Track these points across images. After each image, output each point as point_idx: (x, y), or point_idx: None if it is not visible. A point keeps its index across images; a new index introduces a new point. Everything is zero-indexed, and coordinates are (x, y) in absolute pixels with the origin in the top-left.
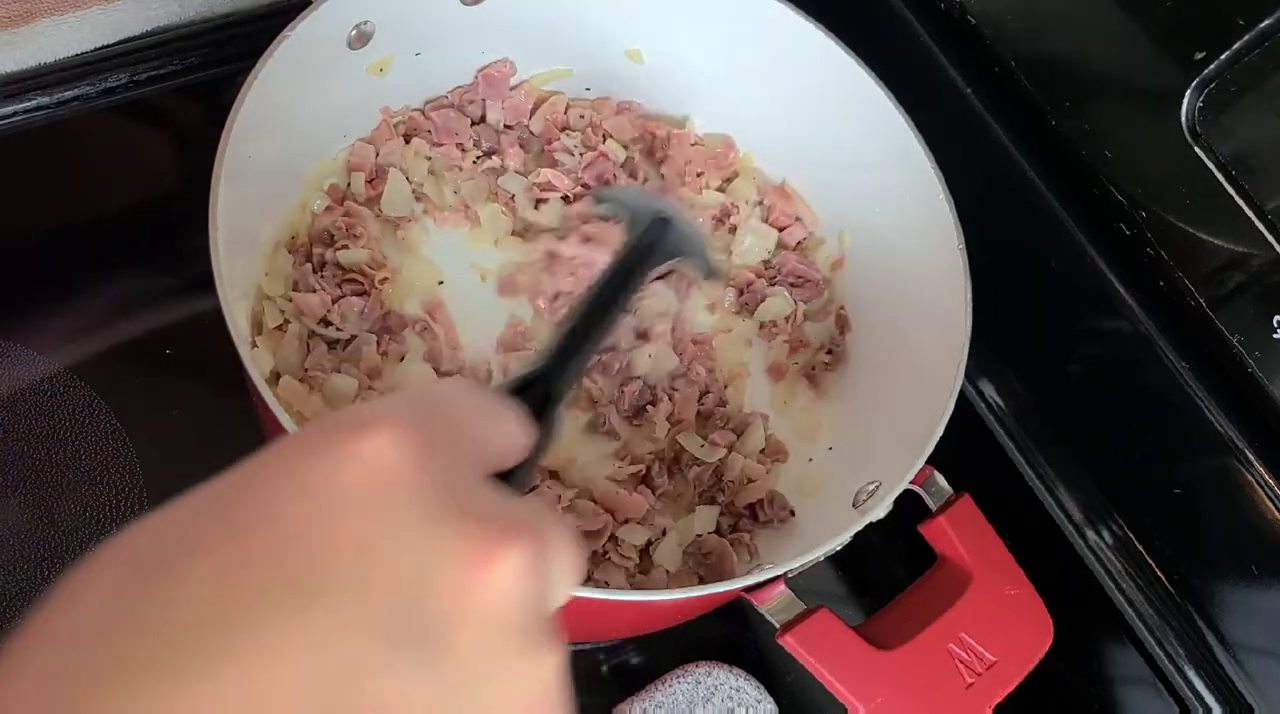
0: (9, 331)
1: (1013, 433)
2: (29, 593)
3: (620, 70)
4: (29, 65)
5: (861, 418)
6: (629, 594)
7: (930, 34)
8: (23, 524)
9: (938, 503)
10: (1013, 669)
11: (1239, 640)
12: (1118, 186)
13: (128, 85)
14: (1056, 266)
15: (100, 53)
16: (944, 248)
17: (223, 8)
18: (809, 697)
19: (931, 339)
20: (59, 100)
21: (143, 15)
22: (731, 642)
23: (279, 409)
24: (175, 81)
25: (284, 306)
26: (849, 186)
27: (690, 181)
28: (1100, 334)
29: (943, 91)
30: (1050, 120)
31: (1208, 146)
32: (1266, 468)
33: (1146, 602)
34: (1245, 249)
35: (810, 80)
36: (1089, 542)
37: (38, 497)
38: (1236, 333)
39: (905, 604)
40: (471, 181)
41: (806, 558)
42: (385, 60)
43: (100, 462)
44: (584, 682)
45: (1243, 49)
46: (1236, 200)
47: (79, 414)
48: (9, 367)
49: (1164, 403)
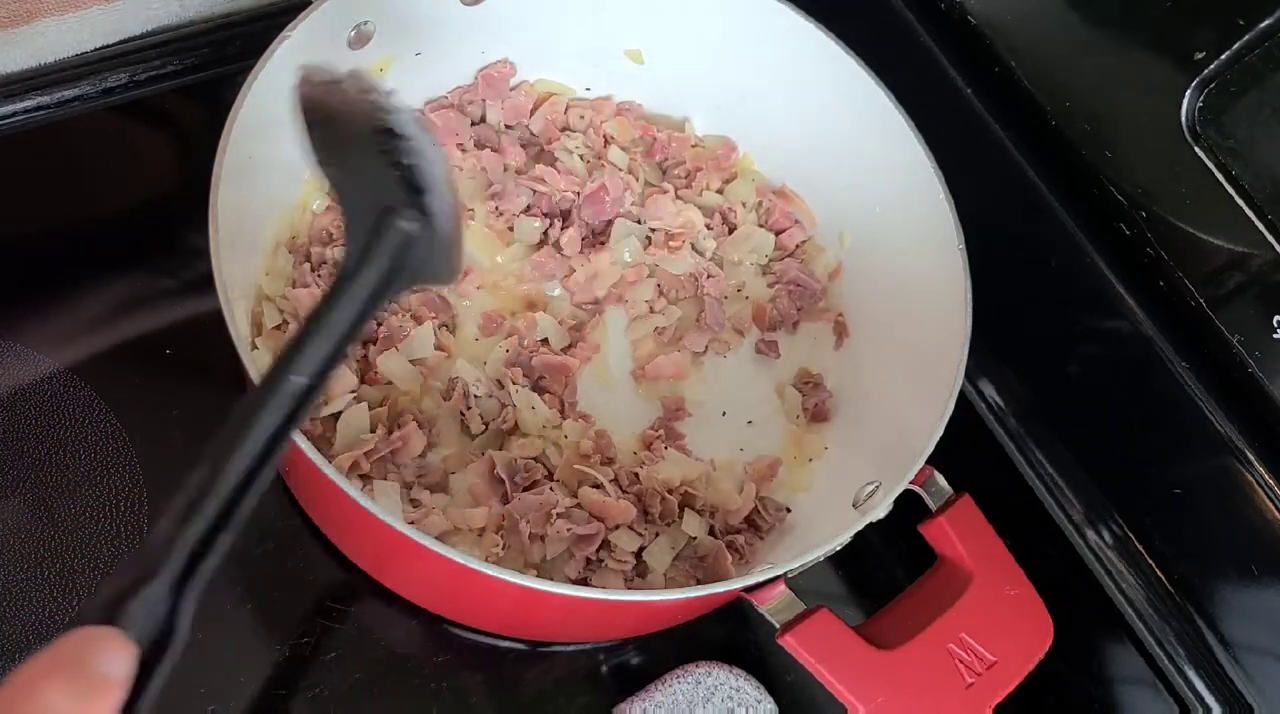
0: (9, 331)
1: (1013, 433)
2: (29, 593)
3: (620, 70)
4: (29, 65)
5: (862, 418)
6: (629, 594)
7: (930, 34)
8: (23, 524)
9: (938, 503)
10: (1013, 669)
11: (1239, 640)
12: (1118, 186)
13: (128, 85)
14: (1056, 266)
15: (100, 53)
16: (944, 248)
17: (223, 8)
18: (809, 697)
19: (931, 339)
20: (59, 100)
21: (143, 15)
22: (731, 642)
23: None
24: (175, 81)
25: (283, 306)
26: (849, 187)
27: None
28: (1100, 334)
29: (943, 91)
30: (1050, 120)
31: (1208, 146)
32: (1266, 468)
33: (1146, 602)
34: (1245, 249)
35: (810, 81)
36: (1089, 542)
37: (38, 497)
38: (1236, 333)
39: (905, 604)
40: (471, 181)
41: (806, 558)
42: (385, 60)
43: (100, 462)
44: (584, 682)
45: (1243, 49)
46: (1236, 200)
47: (79, 414)
48: (9, 366)
49: (1164, 403)
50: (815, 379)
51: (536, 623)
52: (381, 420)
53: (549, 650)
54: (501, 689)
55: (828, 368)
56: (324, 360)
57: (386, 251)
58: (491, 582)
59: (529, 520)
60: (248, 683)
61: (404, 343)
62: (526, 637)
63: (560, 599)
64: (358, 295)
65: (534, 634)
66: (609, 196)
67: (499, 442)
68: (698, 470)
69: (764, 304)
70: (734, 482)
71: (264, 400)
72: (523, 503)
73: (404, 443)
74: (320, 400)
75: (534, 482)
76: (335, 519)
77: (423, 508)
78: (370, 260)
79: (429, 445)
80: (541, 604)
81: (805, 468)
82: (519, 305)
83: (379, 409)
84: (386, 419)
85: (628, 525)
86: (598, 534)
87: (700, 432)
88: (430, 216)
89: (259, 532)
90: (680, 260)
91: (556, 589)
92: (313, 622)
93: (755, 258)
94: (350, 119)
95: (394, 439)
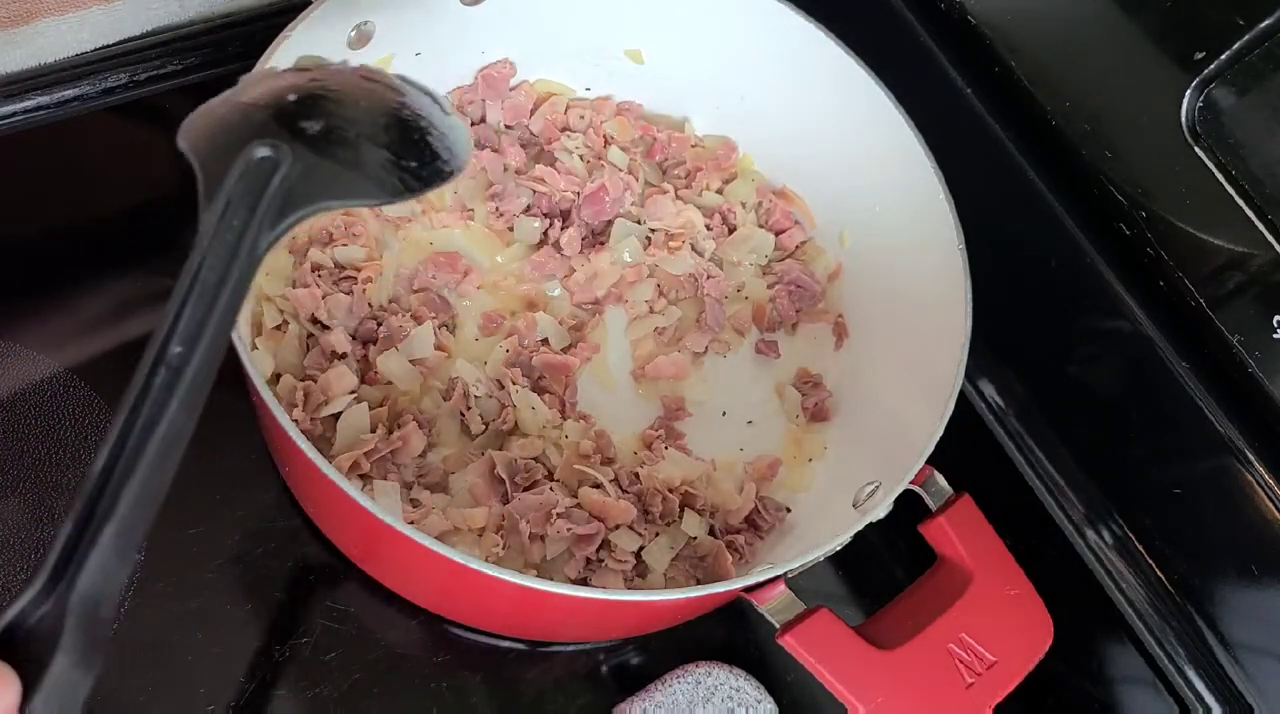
0: (9, 331)
1: (1013, 433)
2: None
3: (620, 70)
4: (29, 65)
5: (862, 418)
6: (629, 594)
7: (930, 34)
8: (23, 524)
9: (938, 503)
10: (1013, 669)
11: (1239, 640)
12: (1118, 186)
13: (128, 85)
14: (1056, 266)
15: (100, 53)
16: (944, 248)
17: (223, 8)
18: (809, 697)
19: (931, 339)
20: (59, 100)
21: (143, 15)
22: (731, 642)
23: (279, 409)
24: (175, 81)
25: (283, 306)
26: (849, 187)
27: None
28: (1100, 334)
29: (943, 91)
30: (1050, 120)
31: (1208, 146)
32: (1266, 468)
33: (1146, 602)
34: (1245, 249)
35: (810, 81)
36: (1089, 542)
37: (38, 497)
38: (1236, 333)
39: (905, 604)
40: (471, 181)
41: (806, 558)
42: (385, 60)
43: None
44: (584, 682)
45: (1243, 49)
46: (1236, 200)
47: (79, 414)
48: (9, 367)
49: (1164, 403)
50: (815, 379)
51: (536, 623)
52: (381, 420)
53: (549, 650)
54: (501, 689)
55: (827, 368)
56: (199, 322)
57: (230, 187)
58: (491, 582)
59: (529, 520)
60: (248, 683)
61: (404, 343)
62: (526, 637)
63: (560, 599)
64: (218, 245)
65: (534, 634)
66: (609, 196)
67: (499, 442)
68: (698, 470)
69: (764, 304)
70: (734, 481)
71: (139, 379)
72: (523, 503)
73: (404, 443)
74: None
75: (534, 482)
76: (335, 519)
77: (423, 508)
78: (212, 200)
79: (429, 445)
80: (541, 604)
81: (805, 468)
82: (519, 305)
83: (379, 409)
84: (386, 419)
85: (628, 525)
86: (598, 534)
87: (700, 432)
88: (300, 136)
89: (259, 532)
90: (680, 261)
91: (556, 589)
92: (313, 622)
93: (755, 258)
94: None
95: (394, 439)
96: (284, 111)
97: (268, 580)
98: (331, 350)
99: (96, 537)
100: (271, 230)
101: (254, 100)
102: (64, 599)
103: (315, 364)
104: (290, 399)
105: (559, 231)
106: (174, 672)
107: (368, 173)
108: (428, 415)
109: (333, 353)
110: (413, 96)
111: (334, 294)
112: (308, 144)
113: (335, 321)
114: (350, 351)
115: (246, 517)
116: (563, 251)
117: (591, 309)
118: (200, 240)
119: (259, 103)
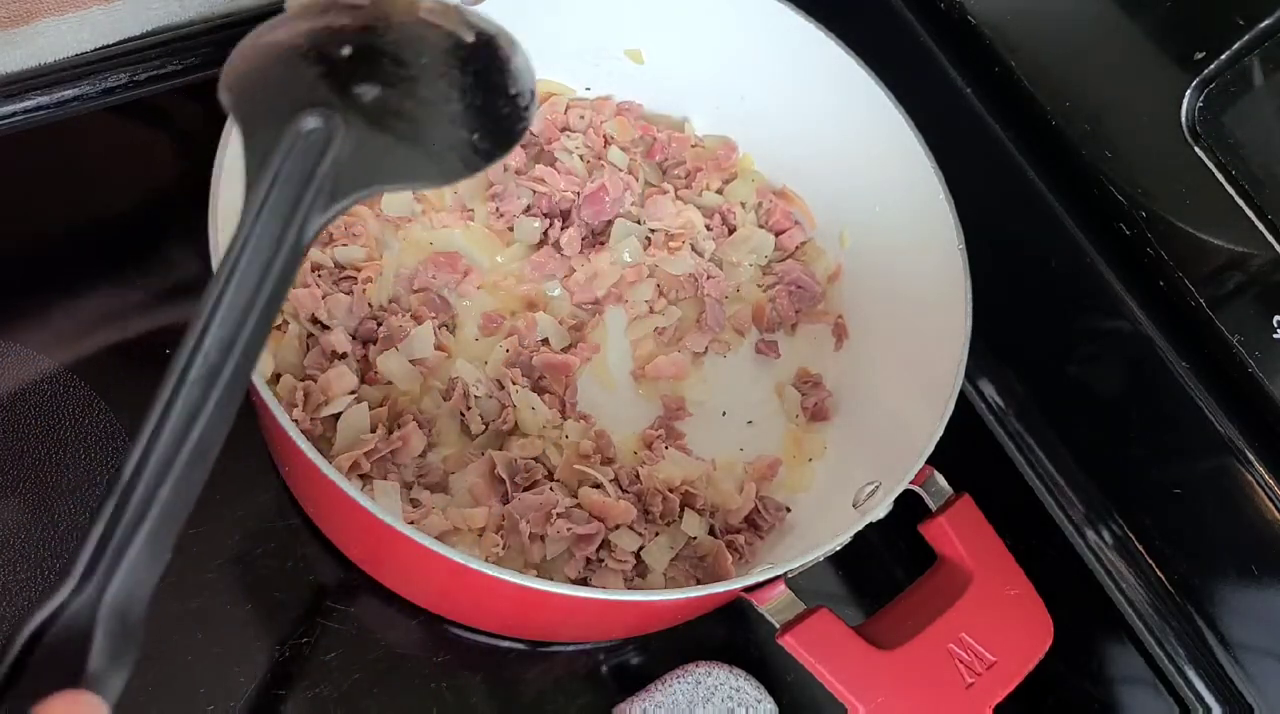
0: (9, 331)
1: (1013, 433)
2: (29, 593)
3: (620, 70)
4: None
5: (862, 418)
6: (629, 594)
7: (930, 34)
8: (23, 524)
9: (938, 503)
10: (1013, 669)
11: (1239, 640)
12: (1118, 186)
13: (128, 85)
14: (1056, 266)
15: (100, 53)
16: (944, 248)
17: (223, 8)
18: (809, 697)
19: (931, 339)
20: (59, 100)
21: (143, 15)
22: (731, 642)
23: (279, 409)
24: (175, 81)
25: (283, 306)
26: (849, 187)
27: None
28: (1100, 334)
29: (943, 91)
30: (1050, 120)
31: (1208, 146)
32: (1266, 468)
33: (1146, 602)
34: (1245, 249)
35: (810, 81)
36: (1089, 542)
37: (38, 497)
38: (1236, 333)
39: (905, 604)
40: (471, 181)
41: (806, 558)
42: None
43: (100, 462)
44: (584, 682)
45: (1243, 49)
46: (1236, 200)
47: (79, 414)
48: (9, 366)
49: (1164, 403)
50: (815, 379)
51: (536, 623)
52: (381, 420)
53: (549, 650)
54: (501, 689)
55: (827, 368)
56: (240, 313)
57: (277, 164)
58: (491, 582)
59: (529, 520)
60: (248, 683)
61: (404, 343)
62: (526, 637)
63: (560, 599)
64: (262, 231)
65: (534, 634)
66: (609, 197)
67: (499, 442)
68: (698, 470)
69: (763, 305)
70: (734, 481)
71: (173, 375)
72: (523, 503)
73: (404, 443)
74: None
75: (534, 482)
76: (335, 519)
77: (423, 508)
78: (258, 178)
79: (429, 445)
80: (541, 604)
81: (805, 468)
82: (519, 305)
83: (379, 409)
84: (386, 419)
85: (628, 525)
86: (598, 534)
87: (700, 431)
88: (354, 103)
89: (259, 532)
90: (680, 261)
91: (556, 589)
92: (313, 622)
93: (755, 259)
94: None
95: (394, 439)
96: (336, 69)
97: (268, 580)
98: (331, 350)
99: (130, 538)
100: (321, 215)
101: (302, 45)
102: (95, 602)
103: (315, 364)
104: (290, 399)
105: (559, 231)
106: (174, 672)
107: (427, 149)
108: (428, 415)
109: (333, 353)
110: (481, 44)
111: (334, 294)
112: (362, 113)
113: (335, 321)
114: (350, 351)
115: (246, 517)
116: (563, 251)
117: (591, 309)
118: (242, 225)
119: (307, 51)
